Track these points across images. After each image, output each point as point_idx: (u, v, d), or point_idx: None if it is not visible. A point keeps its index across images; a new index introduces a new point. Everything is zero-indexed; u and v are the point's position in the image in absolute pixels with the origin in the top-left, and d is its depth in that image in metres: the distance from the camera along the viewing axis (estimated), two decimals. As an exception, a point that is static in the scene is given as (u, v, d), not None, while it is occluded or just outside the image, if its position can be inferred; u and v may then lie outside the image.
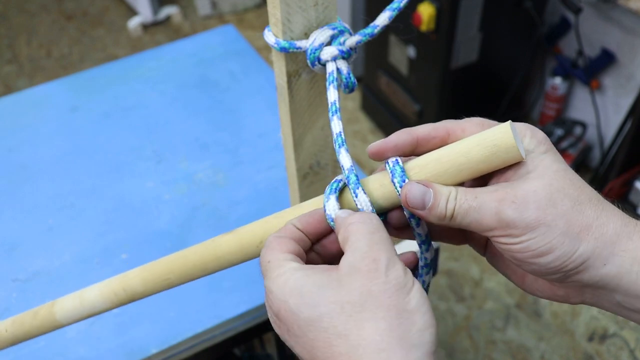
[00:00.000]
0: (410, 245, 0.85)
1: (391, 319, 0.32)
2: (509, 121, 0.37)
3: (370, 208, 0.39)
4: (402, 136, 0.39)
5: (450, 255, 1.92)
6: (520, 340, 1.71)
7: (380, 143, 0.40)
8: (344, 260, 0.35)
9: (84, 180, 0.99)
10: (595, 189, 0.38)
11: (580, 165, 2.04)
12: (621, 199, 1.67)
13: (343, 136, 0.43)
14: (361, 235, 0.35)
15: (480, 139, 0.37)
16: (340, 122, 0.43)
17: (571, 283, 0.37)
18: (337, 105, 0.44)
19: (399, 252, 0.38)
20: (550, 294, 0.40)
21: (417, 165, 0.39)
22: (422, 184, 0.37)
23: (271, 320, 0.38)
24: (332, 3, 0.46)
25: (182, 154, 1.04)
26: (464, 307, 1.79)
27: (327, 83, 0.45)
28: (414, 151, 0.40)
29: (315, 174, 0.58)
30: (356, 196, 0.40)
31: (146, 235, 0.89)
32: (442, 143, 0.39)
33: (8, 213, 0.94)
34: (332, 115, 0.43)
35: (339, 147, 0.42)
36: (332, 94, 0.44)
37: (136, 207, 0.94)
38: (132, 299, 0.48)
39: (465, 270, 1.89)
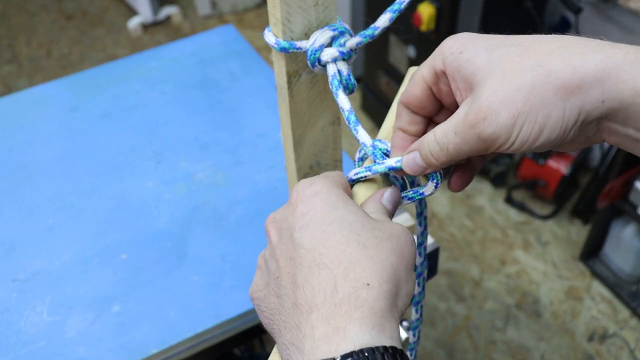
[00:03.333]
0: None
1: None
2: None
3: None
4: (401, 118, 0.43)
5: (450, 255, 1.92)
6: (520, 341, 1.71)
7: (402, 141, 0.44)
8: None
9: (84, 180, 0.99)
10: (596, 189, 0.38)
11: (580, 165, 2.05)
12: (621, 199, 1.67)
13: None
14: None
15: None
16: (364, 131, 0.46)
17: (587, 128, 0.36)
18: (349, 108, 0.46)
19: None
20: (575, 146, 0.39)
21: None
22: (409, 151, 0.41)
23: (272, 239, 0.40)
24: (332, 3, 0.46)
25: (182, 154, 1.04)
26: (464, 307, 1.79)
27: (334, 88, 0.46)
28: (423, 117, 0.43)
29: (315, 174, 0.58)
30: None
31: (146, 235, 0.89)
32: (433, 99, 0.42)
33: (8, 213, 0.94)
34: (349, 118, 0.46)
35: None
36: (343, 100, 0.46)
37: (136, 207, 0.94)
38: None
39: (465, 270, 1.89)
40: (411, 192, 0.45)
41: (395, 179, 0.46)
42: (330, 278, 0.34)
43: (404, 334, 0.75)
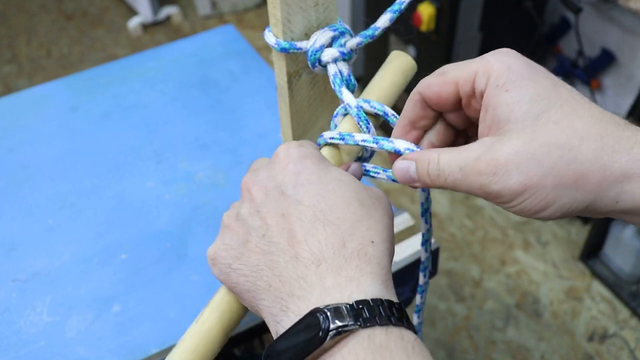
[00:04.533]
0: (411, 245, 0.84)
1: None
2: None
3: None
4: (399, 129, 0.43)
5: (450, 255, 1.92)
6: (520, 341, 1.71)
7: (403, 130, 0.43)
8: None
9: (84, 180, 0.99)
10: None
11: (580, 165, 2.05)
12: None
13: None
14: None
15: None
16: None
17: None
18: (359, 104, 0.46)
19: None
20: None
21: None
22: (404, 158, 0.41)
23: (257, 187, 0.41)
24: (332, 3, 0.46)
25: (182, 154, 1.04)
26: (464, 307, 1.79)
27: (336, 86, 0.46)
28: (424, 129, 0.43)
29: (315, 174, 0.58)
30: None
31: (146, 235, 0.89)
32: (426, 108, 0.42)
33: (8, 213, 0.94)
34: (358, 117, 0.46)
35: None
36: (347, 96, 0.46)
37: (136, 207, 0.94)
38: None
39: (465, 270, 1.89)
40: (381, 172, 0.45)
41: (366, 150, 0.47)
42: (337, 234, 0.36)
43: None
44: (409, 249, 0.82)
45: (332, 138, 0.45)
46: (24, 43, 3.07)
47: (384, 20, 0.46)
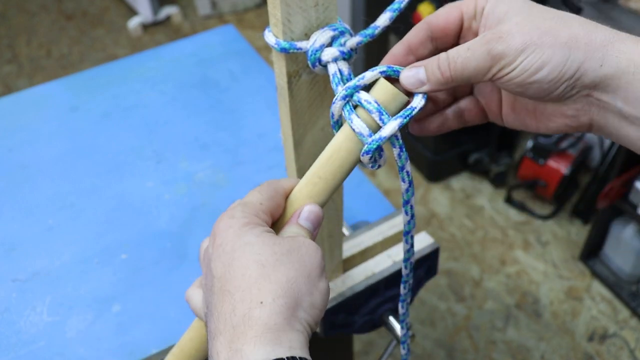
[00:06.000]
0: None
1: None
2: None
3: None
4: (397, 49, 0.46)
5: (450, 255, 1.92)
6: (520, 341, 1.71)
7: (402, 52, 0.46)
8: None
9: (84, 180, 0.99)
10: (596, 189, 0.39)
11: (580, 165, 2.05)
12: (621, 199, 1.67)
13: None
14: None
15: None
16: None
17: (576, 95, 0.39)
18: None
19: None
20: (561, 120, 0.42)
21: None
22: (412, 67, 0.43)
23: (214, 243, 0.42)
24: (332, 3, 0.46)
25: (182, 154, 1.04)
26: (464, 307, 1.79)
27: (335, 85, 0.45)
28: (415, 58, 0.46)
29: (315, 174, 0.57)
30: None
31: (146, 235, 0.89)
32: (428, 37, 0.45)
33: (8, 213, 0.94)
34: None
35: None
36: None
37: (136, 207, 0.94)
38: None
39: (465, 270, 1.89)
40: (401, 113, 0.43)
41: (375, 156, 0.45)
42: (230, 302, 0.37)
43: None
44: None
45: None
46: (24, 43, 3.08)
47: (383, 19, 0.46)
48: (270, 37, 0.47)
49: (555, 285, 1.84)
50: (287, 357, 0.34)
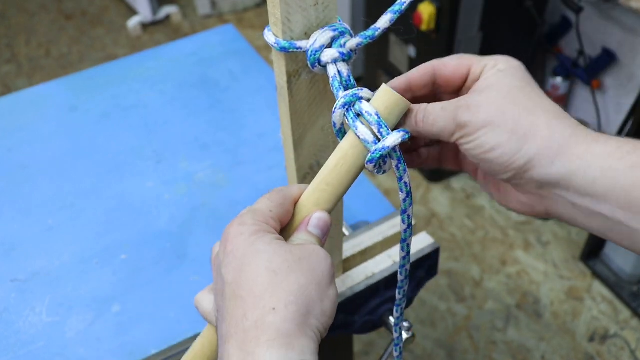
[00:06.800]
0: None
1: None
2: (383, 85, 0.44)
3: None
4: (397, 83, 0.47)
5: (450, 255, 1.92)
6: (520, 341, 1.71)
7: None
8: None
9: (84, 180, 0.99)
10: None
11: (580, 165, 2.04)
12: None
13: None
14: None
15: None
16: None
17: (527, 185, 0.41)
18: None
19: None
20: (518, 204, 0.44)
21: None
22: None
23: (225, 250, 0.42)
24: (332, 3, 0.46)
25: (182, 154, 1.03)
26: (464, 307, 1.79)
27: (335, 90, 0.45)
28: (412, 96, 0.47)
29: (315, 174, 0.57)
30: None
31: (146, 235, 0.89)
32: (431, 81, 0.46)
33: (8, 213, 0.94)
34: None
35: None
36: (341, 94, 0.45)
37: (136, 207, 0.94)
38: None
39: (465, 270, 1.88)
40: (373, 114, 0.44)
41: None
42: (242, 307, 0.37)
43: (403, 334, 0.75)
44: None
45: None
46: (23, 43, 3.07)
47: (384, 21, 0.45)
48: (270, 37, 0.47)
49: (556, 286, 1.84)
50: None
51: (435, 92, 0.48)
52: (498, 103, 0.40)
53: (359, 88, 0.45)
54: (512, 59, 0.44)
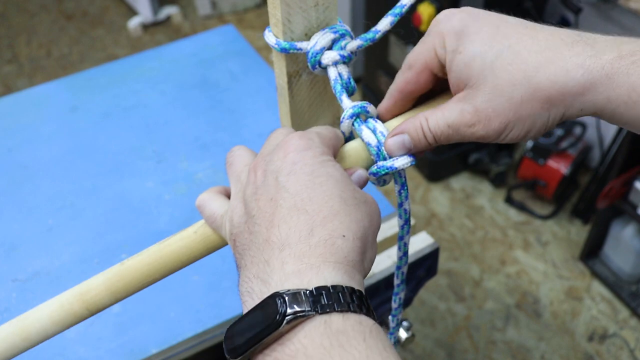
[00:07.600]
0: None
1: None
2: None
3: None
4: (396, 103, 0.47)
5: (450, 255, 1.92)
6: (520, 341, 1.71)
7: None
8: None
9: (84, 180, 0.99)
10: (595, 189, 0.40)
11: (580, 165, 2.05)
12: (621, 199, 1.67)
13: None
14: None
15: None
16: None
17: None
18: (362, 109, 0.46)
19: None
20: None
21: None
22: (395, 133, 0.44)
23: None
24: (332, 4, 0.46)
25: (182, 154, 1.04)
26: (464, 307, 1.79)
27: (337, 93, 0.46)
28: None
29: (315, 174, 0.57)
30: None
31: (146, 235, 0.89)
32: (430, 85, 0.46)
33: (8, 213, 0.94)
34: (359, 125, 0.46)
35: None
36: (347, 103, 0.46)
37: (136, 207, 0.94)
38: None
39: (465, 270, 1.89)
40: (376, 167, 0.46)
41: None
42: (308, 222, 0.37)
43: (403, 334, 0.75)
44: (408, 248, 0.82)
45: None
46: (24, 43, 3.08)
47: (385, 24, 0.45)
48: (270, 37, 0.47)
49: (555, 285, 1.84)
50: (357, 291, 0.35)
51: (431, 87, 0.47)
52: (498, 96, 0.40)
53: (366, 102, 0.46)
54: (451, 16, 0.43)
